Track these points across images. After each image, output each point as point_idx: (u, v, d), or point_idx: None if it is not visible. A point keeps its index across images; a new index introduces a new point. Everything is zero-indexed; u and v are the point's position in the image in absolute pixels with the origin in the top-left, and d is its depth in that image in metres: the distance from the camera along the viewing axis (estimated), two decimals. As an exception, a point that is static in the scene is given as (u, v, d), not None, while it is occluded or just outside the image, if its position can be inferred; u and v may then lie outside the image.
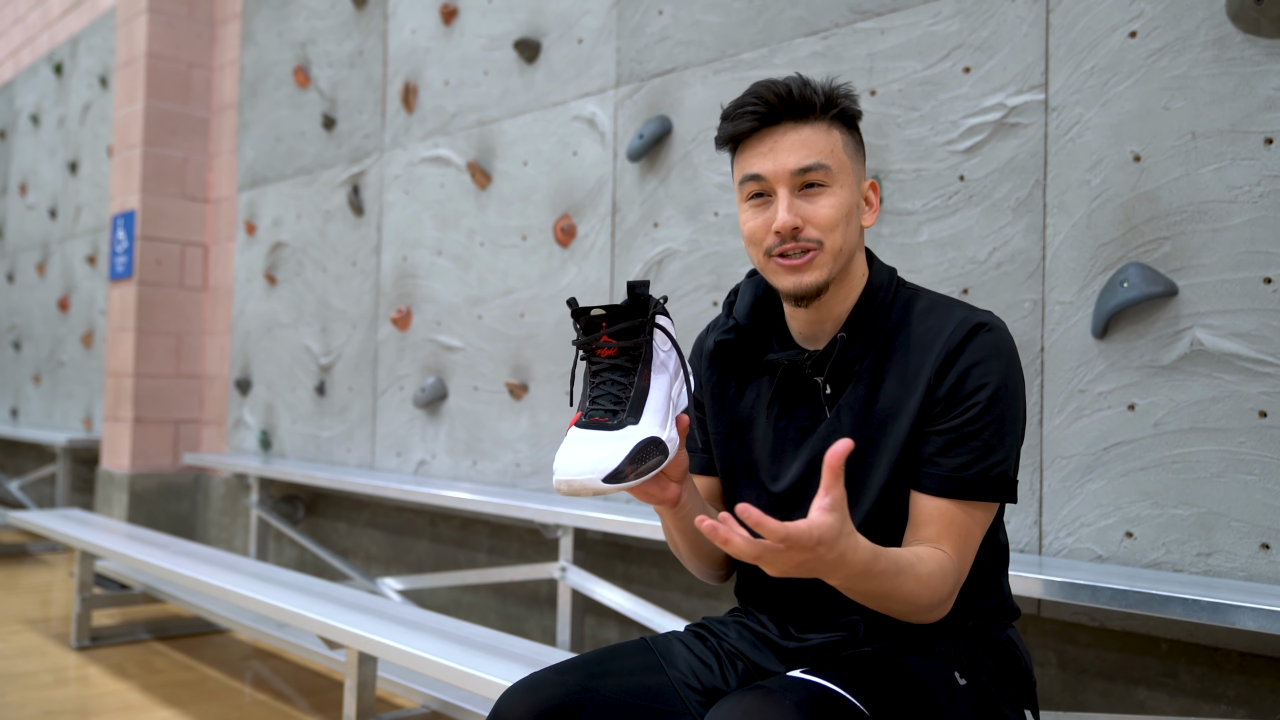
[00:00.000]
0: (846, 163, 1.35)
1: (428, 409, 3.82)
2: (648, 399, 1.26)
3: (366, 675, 2.47)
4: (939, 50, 2.37)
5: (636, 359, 1.27)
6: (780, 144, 1.33)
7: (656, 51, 3.05)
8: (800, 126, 1.33)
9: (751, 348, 1.46)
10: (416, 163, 3.95)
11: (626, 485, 1.20)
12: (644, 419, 1.24)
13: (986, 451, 1.29)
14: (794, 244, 1.33)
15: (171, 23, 5.27)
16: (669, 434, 1.26)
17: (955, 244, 2.33)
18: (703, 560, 1.49)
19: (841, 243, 1.34)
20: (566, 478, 1.18)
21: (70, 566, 5.29)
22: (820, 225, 1.32)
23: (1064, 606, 2.14)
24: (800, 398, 1.41)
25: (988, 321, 1.33)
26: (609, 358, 1.27)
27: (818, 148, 1.33)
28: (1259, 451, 1.86)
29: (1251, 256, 1.88)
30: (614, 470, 1.18)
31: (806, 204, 1.33)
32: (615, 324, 1.26)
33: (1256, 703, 1.91)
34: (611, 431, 1.22)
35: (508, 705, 1.33)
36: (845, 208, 1.34)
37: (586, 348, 1.28)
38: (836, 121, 1.36)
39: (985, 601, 1.39)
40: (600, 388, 1.26)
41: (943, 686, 1.27)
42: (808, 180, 1.32)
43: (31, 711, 2.96)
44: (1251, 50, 1.90)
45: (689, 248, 2.91)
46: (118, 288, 5.28)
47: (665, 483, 1.33)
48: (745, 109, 1.35)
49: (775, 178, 1.33)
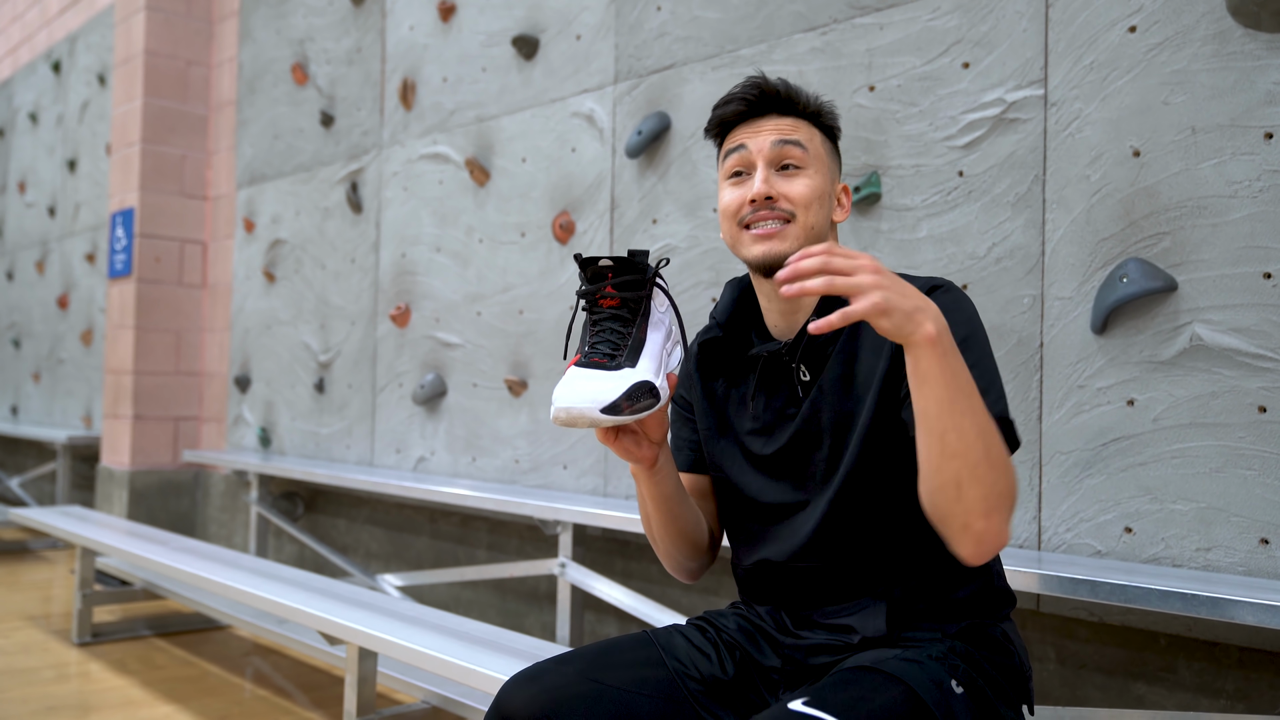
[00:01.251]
0: (824, 156, 1.44)
1: (427, 406, 3.82)
2: (644, 348, 1.33)
3: (367, 671, 2.48)
4: (938, 45, 2.37)
5: (637, 311, 1.34)
6: (764, 125, 1.43)
7: (655, 47, 3.05)
8: (784, 116, 1.43)
9: (734, 345, 1.51)
10: (415, 160, 3.94)
11: (621, 420, 1.26)
12: (640, 365, 1.31)
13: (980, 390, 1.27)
14: (768, 213, 1.39)
15: (169, 20, 5.27)
16: (661, 382, 1.32)
17: (954, 239, 2.32)
18: (676, 541, 1.51)
19: (814, 221, 1.40)
20: (565, 405, 1.24)
21: (71, 563, 5.30)
22: (794, 200, 1.39)
23: (1063, 601, 2.14)
24: (782, 386, 1.45)
25: (943, 284, 1.37)
26: (611, 308, 1.34)
27: (800, 131, 1.42)
28: (1258, 446, 1.86)
29: (1251, 251, 1.88)
30: (611, 403, 1.24)
31: (783, 181, 1.40)
32: (620, 275, 1.34)
33: (1255, 697, 1.92)
34: (610, 371, 1.28)
35: (509, 695, 1.34)
36: (819, 190, 1.41)
37: (590, 297, 1.35)
38: (816, 128, 1.45)
39: (979, 582, 1.39)
40: (600, 335, 1.33)
41: (940, 698, 1.25)
42: (785, 158, 1.40)
43: (33, 707, 2.97)
44: (1252, 45, 1.90)
45: (688, 244, 2.90)
46: (117, 285, 5.28)
47: (645, 442, 1.37)
48: (734, 97, 1.44)
49: (756, 150, 1.41)
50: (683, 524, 1.50)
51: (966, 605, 1.38)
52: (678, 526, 1.49)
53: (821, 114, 1.46)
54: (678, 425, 1.61)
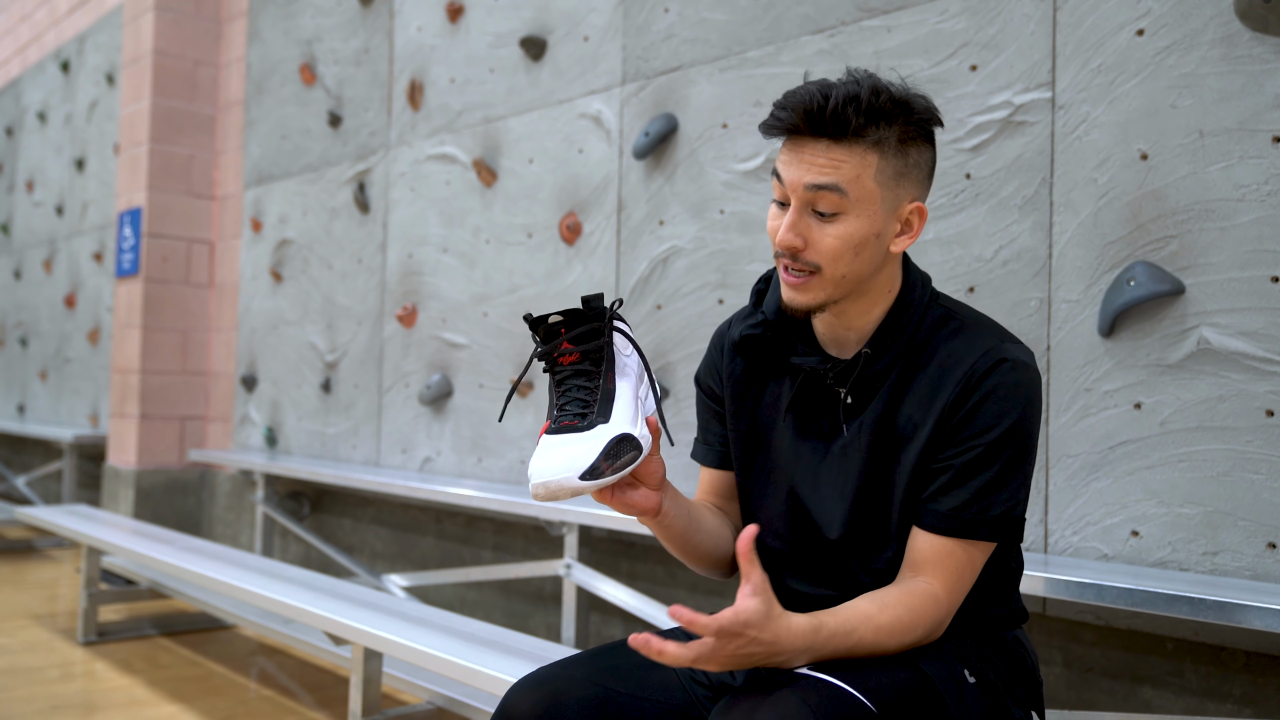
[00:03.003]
0: (874, 191, 1.27)
1: (433, 406, 3.82)
2: (615, 399, 1.24)
3: (372, 671, 2.48)
4: (946, 48, 2.37)
5: (599, 362, 1.26)
6: (805, 155, 1.27)
7: (662, 49, 3.05)
8: (833, 145, 1.26)
9: (777, 345, 1.43)
10: (422, 160, 3.95)
11: (604, 482, 1.19)
12: (614, 418, 1.23)
13: (988, 492, 1.27)
14: (791, 262, 1.30)
15: (178, 20, 5.28)
16: (640, 431, 1.25)
17: (961, 242, 2.32)
18: (702, 563, 1.47)
19: (845, 271, 1.28)
20: (542, 479, 1.17)
21: (76, 562, 5.31)
22: (822, 253, 1.28)
23: (1070, 605, 2.14)
24: (821, 405, 1.39)
25: (1011, 356, 1.29)
26: (572, 364, 1.26)
27: (842, 171, 1.25)
28: (1266, 450, 1.86)
29: (1259, 255, 1.88)
30: (590, 467, 1.17)
31: (815, 226, 1.28)
32: (574, 329, 1.25)
33: (1263, 702, 1.91)
34: (583, 432, 1.20)
35: (515, 700, 1.33)
36: (855, 239, 1.27)
37: (548, 357, 1.27)
38: (884, 144, 1.27)
39: (991, 611, 1.39)
40: (566, 394, 1.25)
41: (952, 684, 1.26)
42: (819, 203, 1.27)
43: (38, 706, 2.97)
44: (1260, 48, 1.90)
45: (695, 245, 2.90)
46: (124, 284, 5.30)
47: (644, 491, 1.30)
48: (791, 106, 1.28)
49: (791, 188, 1.28)
50: (703, 549, 1.45)
51: (984, 621, 1.38)
52: (697, 553, 1.45)
53: (887, 123, 1.26)
54: (706, 418, 1.54)
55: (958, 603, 1.30)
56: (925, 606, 1.26)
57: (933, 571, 1.28)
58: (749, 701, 1.16)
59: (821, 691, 1.17)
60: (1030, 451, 1.31)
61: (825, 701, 1.15)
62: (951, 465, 1.28)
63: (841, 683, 1.19)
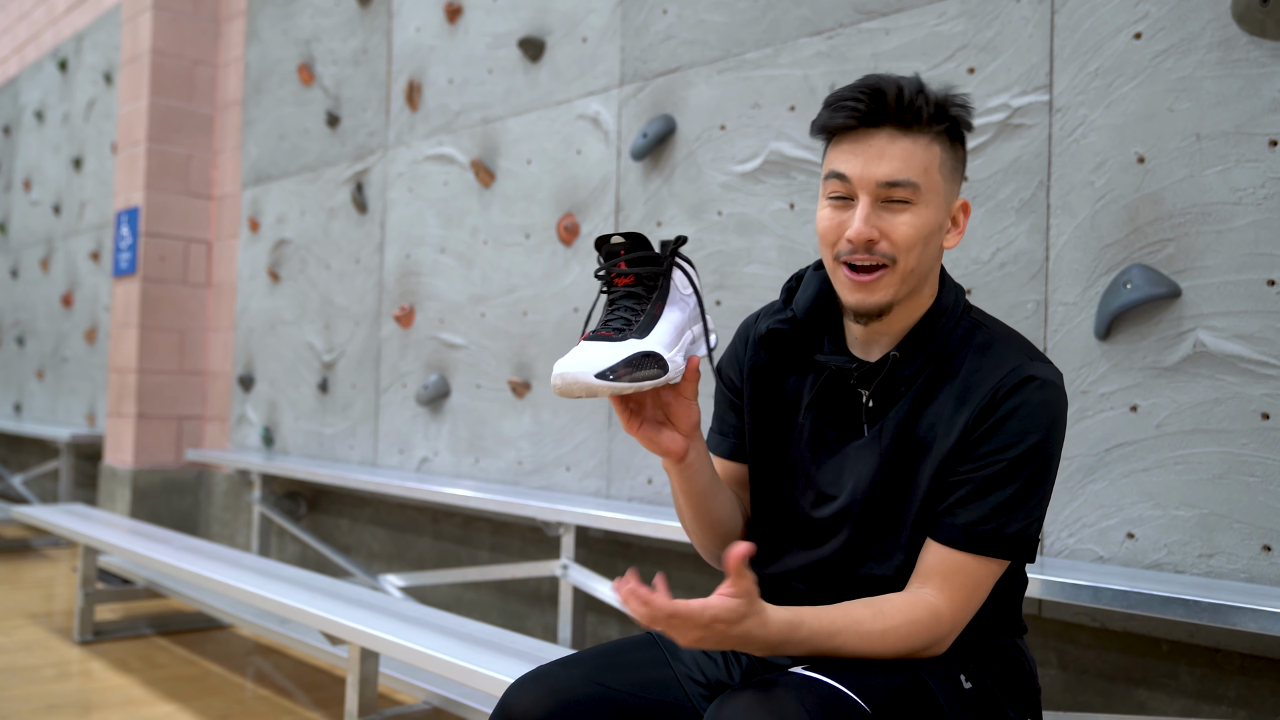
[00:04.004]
0: (939, 183, 1.28)
1: (430, 406, 3.82)
2: (657, 324, 1.26)
3: (368, 671, 2.48)
4: (944, 51, 2.38)
5: (652, 289, 1.28)
6: (874, 148, 1.26)
7: (661, 51, 3.05)
8: (900, 136, 1.26)
9: (803, 342, 1.42)
10: (420, 160, 3.95)
11: (619, 387, 1.19)
12: (650, 338, 1.24)
13: (1006, 508, 1.26)
14: (866, 255, 1.27)
15: (176, 19, 5.28)
16: (673, 355, 1.26)
17: (959, 244, 2.33)
18: (708, 533, 1.46)
19: (915, 264, 1.28)
20: (561, 371, 1.19)
21: (73, 561, 5.30)
22: (897, 243, 1.27)
23: (1065, 607, 2.14)
24: (842, 405, 1.38)
25: (1039, 375, 1.28)
26: (626, 286, 1.28)
27: (913, 163, 1.26)
28: (1261, 453, 1.87)
29: (1255, 259, 1.89)
30: (609, 368, 1.18)
31: (887, 217, 1.27)
32: (632, 251, 1.28)
33: (1258, 704, 1.92)
34: (615, 342, 1.22)
35: (515, 697, 1.34)
36: (927, 229, 1.27)
37: (606, 276, 1.29)
38: (942, 136, 1.28)
39: (991, 623, 1.38)
40: (614, 312, 1.28)
41: (947, 688, 1.26)
42: (893, 195, 1.26)
43: (34, 706, 2.97)
44: (1257, 52, 1.90)
45: (692, 247, 2.91)
46: (121, 284, 5.29)
47: (672, 434, 1.31)
48: (847, 102, 1.27)
49: (860, 183, 1.26)
50: (716, 516, 1.45)
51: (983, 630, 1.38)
52: (710, 519, 1.44)
53: (948, 115, 1.28)
54: (723, 408, 1.53)
55: (962, 620, 1.28)
56: (924, 620, 1.25)
57: (940, 585, 1.27)
58: (745, 700, 1.16)
59: (817, 692, 1.17)
60: (1051, 471, 1.30)
61: (821, 702, 1.16)
62: (971, 479, 1.27)
63: (837, 684, 1.19)
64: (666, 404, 1.31)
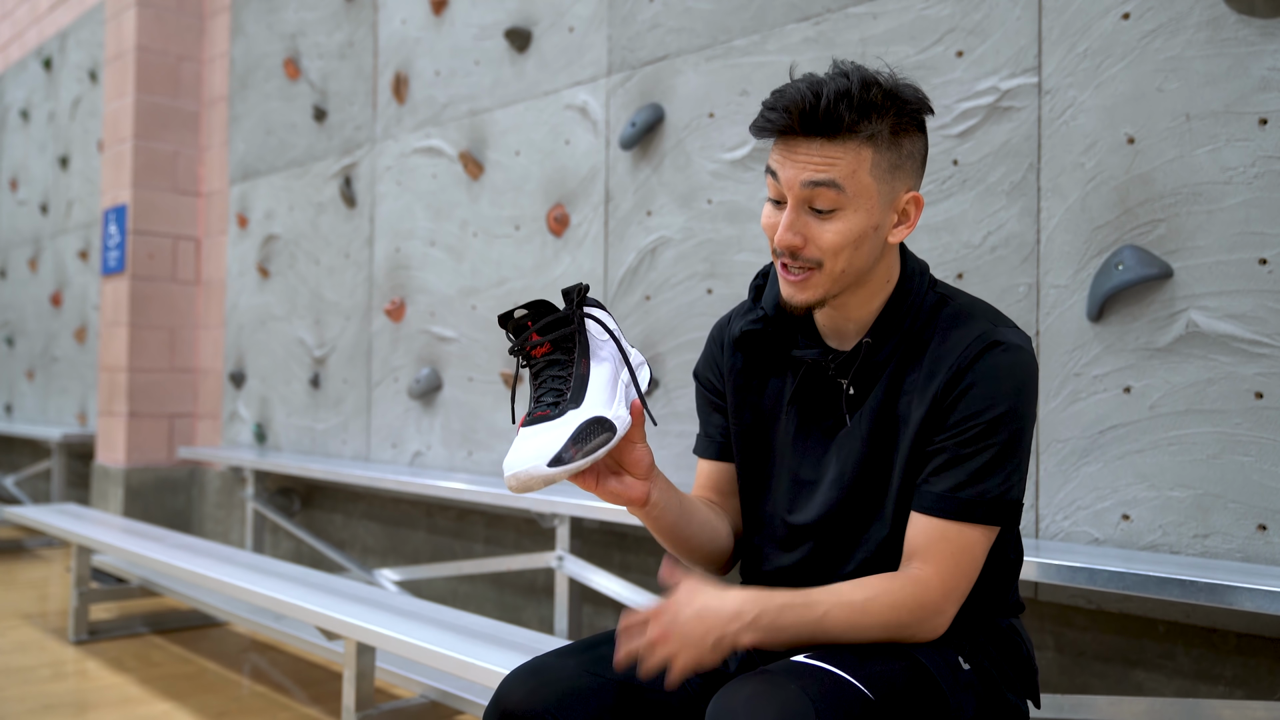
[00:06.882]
0: (870, 185, 1.27)
1: (422, 400, 3.81)
2: (589, 384, 1.24)
3: (365, 666, 2.47)
4: (932, 34, 2.37)
5: (570, 350, 1.26)
6: (800, 154, 1.27)
7: (648, 39, 3.04)
8: (826, 143, 1.25)
9: (777, 338, 1.43)
10: (408, 154, 3.93)
11: (573, 468, 1.18)
12: (586, 402, 1.22)
13: (984, 474, 1.27)
14: (791, 260, 1.30)
15: (160, 16, 5.25)
16: (615, 411, 1.24)
17: (949, 228, 2.32)
18: (694, 556, 1.47)
19: (845, 266, 1.29)
20: (513, 472, 1.17)
21: (67, 561, 5.29)
22: (823, 249, 1.28)
23: (1061, 589, 2.15)
24: (823, 397, 1.39)
25: (1005, 340, 1.29)
26: (545, 355, 1.26)
27: (838, 167, 1.25)
28: (1255, 433, 1.87)
29: (1246, 238, 1.88)
30: (556, 454, 1.16)
31: (813, 223, 1.28)
32: (539, 319, 1.26)
33: (1254, 683, 1.92)
34: (554, 420, 1.20)
35: (510, 689, 1.33)
36: (854, 233, 1.27)
37: (521, 352, 1.27)
38: (877, 138, 1.26)
39: (988, 601, 1.38)
40: (542, 385, 1.25)
41: (947, 671, 1.26)
42: (817, 200, 1.26)
43: (30, 706, 2.96)
44: (1246, 30, 1.90)
45: (683, 235, 2.90)
46: (110, 282, 5.27)
47: (629, 480, 1.30)
48: (771, 112, 1.28)
49: (787, 187, 1.28)
50: (695, 543, 1.44)
51: (979, 610, 1.38)
52: (688, 546, 1.45)
53: (879, 117, 1.26)
54: (706, 412, 1.53)
55: (954, 589, 1.27)
56: (908, 587, 1.26)
57: (925, 556, 1.28)
58: (748, 689, 1.16)
59: (820, 679, 1.17)
60: (1025, 434, 1.30)
61: (824, 689, 1.16)
62: (945, 448, 1.29)
63: (838, 670, 1.19)
64: (618, 453, 1.30)
